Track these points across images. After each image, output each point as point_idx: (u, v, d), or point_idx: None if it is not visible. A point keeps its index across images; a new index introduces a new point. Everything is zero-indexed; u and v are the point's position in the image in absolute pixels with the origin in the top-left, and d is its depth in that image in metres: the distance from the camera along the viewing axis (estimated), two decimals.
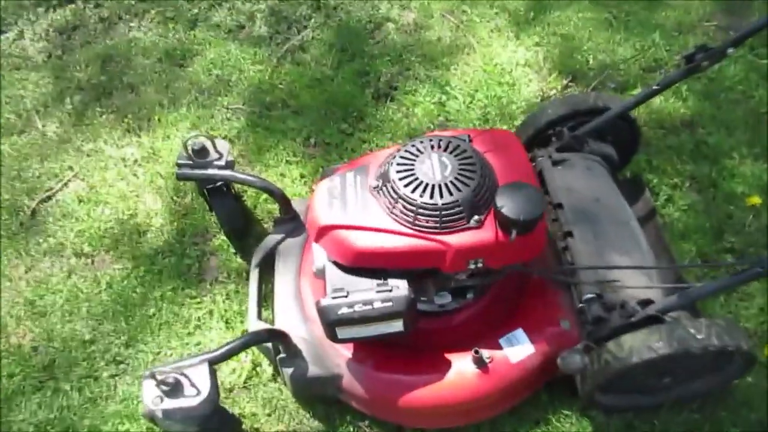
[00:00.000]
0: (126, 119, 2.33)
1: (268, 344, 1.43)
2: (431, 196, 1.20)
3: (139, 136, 2.27)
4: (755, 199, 1.86)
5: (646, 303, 1.30)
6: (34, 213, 2.04)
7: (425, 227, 1.20)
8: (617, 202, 1.53)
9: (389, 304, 1.20)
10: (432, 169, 1.24)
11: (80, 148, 2.27)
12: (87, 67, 2.60)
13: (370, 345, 1.41)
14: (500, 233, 1.18)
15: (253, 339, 1.31)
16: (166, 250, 1.89)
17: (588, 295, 1.33)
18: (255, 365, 1.61)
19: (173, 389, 1.18)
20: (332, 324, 1.22)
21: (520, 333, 1.37)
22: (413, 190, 1.21)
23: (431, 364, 1.37)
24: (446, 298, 1.34)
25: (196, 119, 2.29)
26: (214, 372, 1.25)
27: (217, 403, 1.26)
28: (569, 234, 1.44)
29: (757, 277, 1.19)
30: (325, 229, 1.27)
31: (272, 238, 1.66)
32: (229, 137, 2.21)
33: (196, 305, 1.76)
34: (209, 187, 1.71)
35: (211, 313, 1.74)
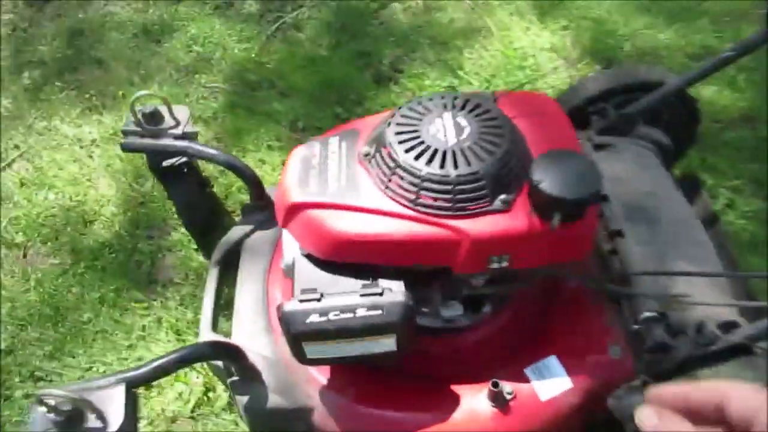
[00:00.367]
0: (89, 96, 2.03)
1: (220, 363, 1.09)
2: (441, 165, 0.87)
3: (101, 114, 1.96)
4: None
5: (728, 326, 0.95)
6: None
7: (432, 208, 0.87)
8: (677, 198, 1.20)
9: (378, 312, 0.87)
10: (444, 131, 0.91)
11: (32, 126, 1.96)
12: (53, 40, 2.32)
13: (352, 370, 1.07)
14: (536, 219, 0.85)
15: (190, 355, 0.96)
16: (114, 244, 1.56)
17: (647, 314, 0.98)
18: (207, 389, 1.27)
19: (70, 420, 0.84)
20: (298, 337, 0.88)
21: (553, 362, 1.02)
22: (417, 157, 0.88)
23: (434, 400, 1.03)
24: (456, 310, 1.00)
25: (168, 98, 1.99)
26: (135, 397, 0.91)
27: None
28: (618, 233, 1.10)
29: None
30: (295, 209, 0.93)
31: (238, 230, 1.32)
32: (203, 117, 1.90)
33: (143, 311, 1.43)
34: (165, 166, 1.38)
35: (159, 321, 1.41)
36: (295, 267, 0.95)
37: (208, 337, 1.15)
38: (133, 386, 0.91)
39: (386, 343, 0.91)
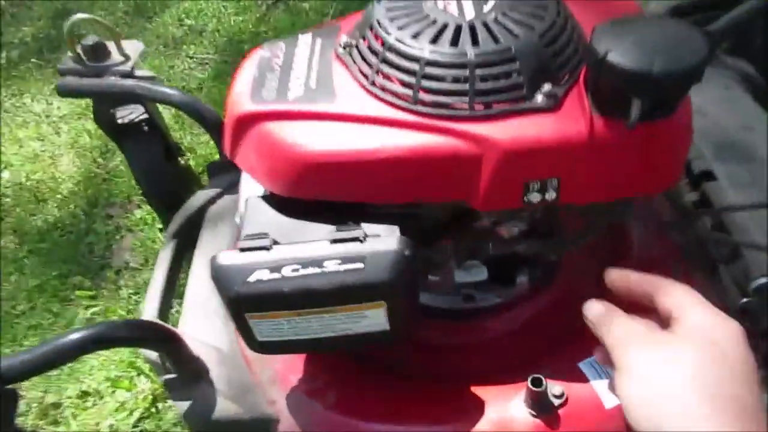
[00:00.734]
0: None
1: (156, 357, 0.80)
2: (454, 42, 0.58)
3: None
4: None
5: None
6: None
7: (439, 108, 0.57)
8: None
9: (357, 266, 0.57)
10: (458, 3, 0.62)
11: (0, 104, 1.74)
12: (38, 21, 2.12)
13: (334, 367, 0.77)
14: (600, 119, 0.55)
15: (95, 336, 0.66)
16: (66, 224, 1.30)
17: (763, 280, 0.67)
18: (156, 399, 0.98)
19: None
20: (238, 304, 0.59)
21: None
22: (416, 35, 0.59)
23: (448, 408, 0.72)
24: (478, 274, 0.69)
25: (152, 70, 1.75)
26: (10, 398, 0.63)
27: None
28: (707, 175, 0.79)
29: None
30: (245, 124, 0.64)
31: (202, 196, 1.04)
32: (188, 88, 1.64)
33: (88, 301, 1.15)
34: (121, 122, 1.13)
35: (106, 313, 1.12)
36: (245, 211, 0.66)
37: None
38: (7, 382, 0.62)
39: (373, 318, 0.61)
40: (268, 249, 0.58)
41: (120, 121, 1.13)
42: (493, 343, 0.78)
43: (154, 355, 0.79)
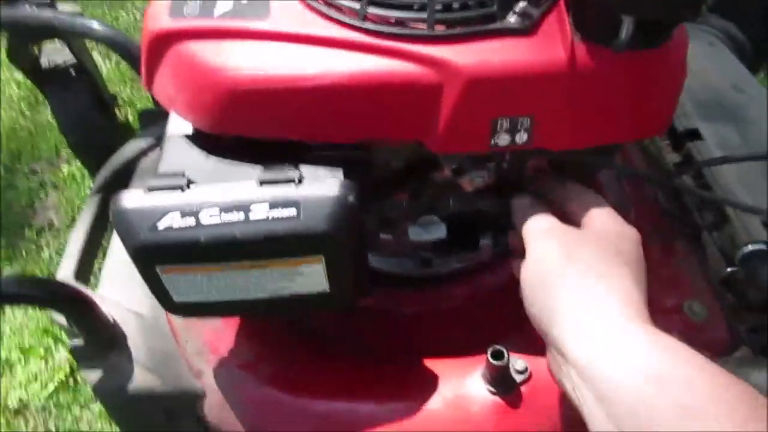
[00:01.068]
0: None
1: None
2: None
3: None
4: None
5: None
6: None
7: (392, 25, 0.48)
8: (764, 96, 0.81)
9: (289, 212, 0.47)
10: None
11: None
12: None
13: (271, 337, 0.68)
14: (582, 45, 0.46)
15: None
16: None
17: (751, 247, 0.60)
18: (73, 370, 0.87)
19: None
20: (143, 253, 0.48)
21: None
22: None
23: (395, 383, 0.63)
24: (435, 231, 0.60)
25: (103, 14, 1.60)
26: None
27: None
28: (693, 134, 0.72)
29: None
30: (163, 44, 0.54)
31: (131, 148, 0.93)
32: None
33: (5, 263, 1.03)
34: (47, 68, 1.00)
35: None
36: (161, 150, 0.56)
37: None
38: None
39: (310, 277, 0.52)
40: (183, 190, 0.48)
41: (45, 65, 1.01)
42: (450, 313, 0.70)
43: (63, 318, 0.68)
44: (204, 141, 0.55)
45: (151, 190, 0.48)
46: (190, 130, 0.56)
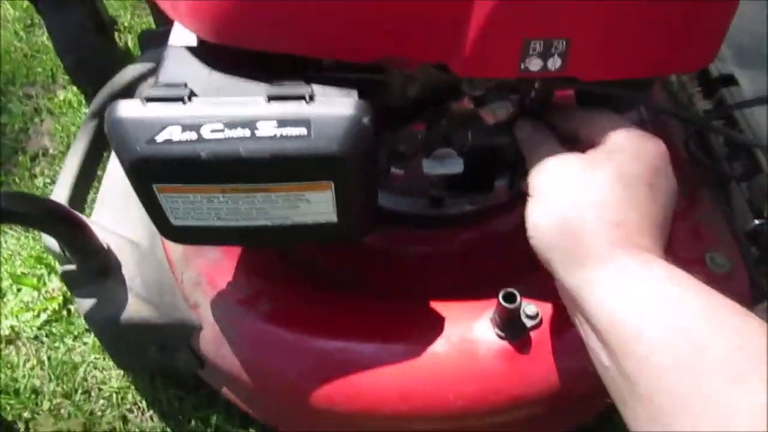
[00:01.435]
0: None
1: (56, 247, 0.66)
2: None
3: None
4: None
5: None
6: None
7: None
8: None
9: (300, 132, 0.44)
10: None
11: None
12: None
13: (272, 270, 0.66)
14: None
15: None
16: None
17: None
18: (67, 300, 0.85)
19: None
20: (140, 167, 0.45)
21: None
22: None
23: (402, 323, 0.61)
24: (454, 166, 0.57)
25: None
26: None
27: None
28: (728, 80, 0.67)
29: None
30: None
31: (130, 71, 0.88)
32: None
33: None
34: None
35: None
36: (162, 60, 0.52)
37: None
38: None
39: (317, 205, 0.48)
40: (184, 102, 0.44)
41: None
42: (460, 256, 0.67)
43: (54, 243, 0.65)
44: (209, 53, 0.51)
45: (150, 100, 0.44)
46: (194, 42, 0.52)
